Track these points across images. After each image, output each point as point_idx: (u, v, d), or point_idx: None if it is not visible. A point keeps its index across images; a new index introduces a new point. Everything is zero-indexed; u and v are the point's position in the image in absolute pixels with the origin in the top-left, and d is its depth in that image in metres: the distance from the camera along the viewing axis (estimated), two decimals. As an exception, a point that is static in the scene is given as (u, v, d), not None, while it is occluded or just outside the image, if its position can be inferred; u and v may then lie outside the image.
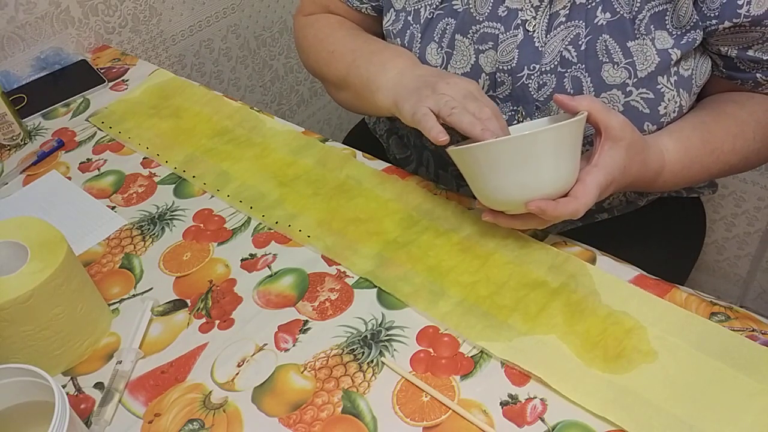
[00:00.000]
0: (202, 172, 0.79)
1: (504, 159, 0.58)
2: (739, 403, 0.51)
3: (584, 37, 0.67)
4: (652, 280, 0.62)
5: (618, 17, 0.66)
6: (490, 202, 0.63)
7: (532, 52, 0.69)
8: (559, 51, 0.68)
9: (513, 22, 0.69)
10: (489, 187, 0.61)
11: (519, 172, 0.58)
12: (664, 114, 0.68)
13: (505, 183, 0.59)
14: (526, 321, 0.59)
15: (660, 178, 0.67)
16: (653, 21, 0.65)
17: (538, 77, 0.69)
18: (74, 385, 0.58)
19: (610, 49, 0.66)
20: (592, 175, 0.59)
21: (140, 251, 0.70)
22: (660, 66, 0.66)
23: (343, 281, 0.65)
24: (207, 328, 0.62)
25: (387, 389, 0.55)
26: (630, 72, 0.66)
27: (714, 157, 0.69)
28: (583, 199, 0.58)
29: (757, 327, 0.57)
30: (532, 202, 0.58)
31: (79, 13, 1.05)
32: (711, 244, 1.43)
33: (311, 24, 0.87)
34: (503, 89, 0.72)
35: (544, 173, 0.58)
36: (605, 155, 0.60)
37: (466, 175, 0.63)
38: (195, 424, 0.54)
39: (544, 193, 0.59)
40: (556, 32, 0.68)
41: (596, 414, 0.52)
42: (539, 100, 0.70)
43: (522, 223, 0.63)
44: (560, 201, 0.59)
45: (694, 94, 0.70)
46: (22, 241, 0.57)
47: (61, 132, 0.90)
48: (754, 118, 0.70)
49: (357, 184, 0.75)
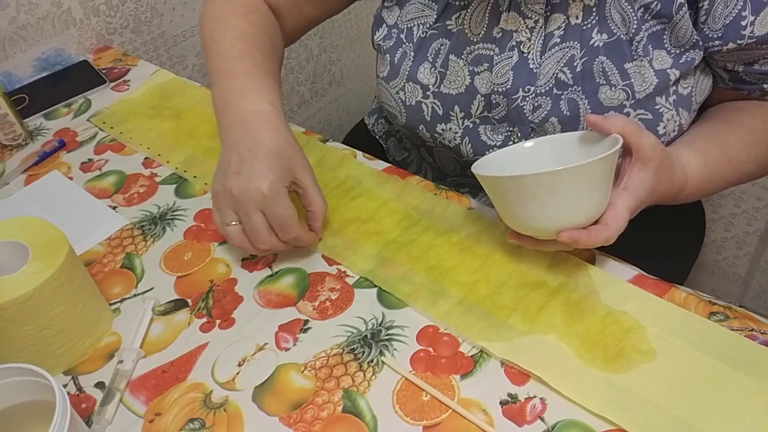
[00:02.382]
0: (203, 172, 0.79)
1: (537, 191, 0.56)
2: (738, 402, 0.52)
3: (579, 58, 0.66)
4: (651, 280, 0.62)
5: (615, 38, 0.65)
6: (517, 227, 0.61)
7: (527, 74, 0.68)
8: (554, 73, 0.67)
9: (508, 44, 0.68)
10: (518, 215, 0.58)
11: (552, 204, 0.56)
12: (664, 134, 0.67)
13: (536, 213, 0.57)
14: (525, 321, 0.59)
15: (683, 192, 0.65)
16: (651, 41, 0.64)
17: (533, 99, 0.68)
18: (75, 385, 0.59)
19: (607, 70, 0.65)
20: (623, 198, 0.57)
21: (141, 251, 0.71)
22: (658, 87, 0.65)
23: (343, 281, 0.65)
24: (208, 328, 0.62)
25: (387, 388, 0.56)
26: (628, 93, 0.65)
27: (732, 168, 0.67)
28: (615, 226, 0.56)
29: (756, 326, 0.57)
30: (563, 232, 0.56)
31: (81, 14, 1.05)
32: (710, 244, 1.43)
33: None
34: (498, 111, 0.71)
35: (578, 205, 0.56)
36: (635, 177, 0.58)
37: (494, 199, 0.61)
38: (196, 424, 0.55)
39: (577, 223, 0.57)
40: (551, 53, 0.67)
41: (595, 413, 0.52)
42: (534, 122, 0.69)
43: (550, 247, 0.61)
44: (592, 230, 0.56)
45: (694, 111, 0.69)
46: (24, 241, 0.57)
47: (63, 132, 0.90)
48: (765, 126, 0.69)
49: (357, 184, 0.75)
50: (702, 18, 0.63)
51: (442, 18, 0.72)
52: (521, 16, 0.68)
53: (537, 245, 0.62)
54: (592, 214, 0.57)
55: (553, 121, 0.68)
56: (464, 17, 0.71)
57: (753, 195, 1.31)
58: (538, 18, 0.67)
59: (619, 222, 0.57)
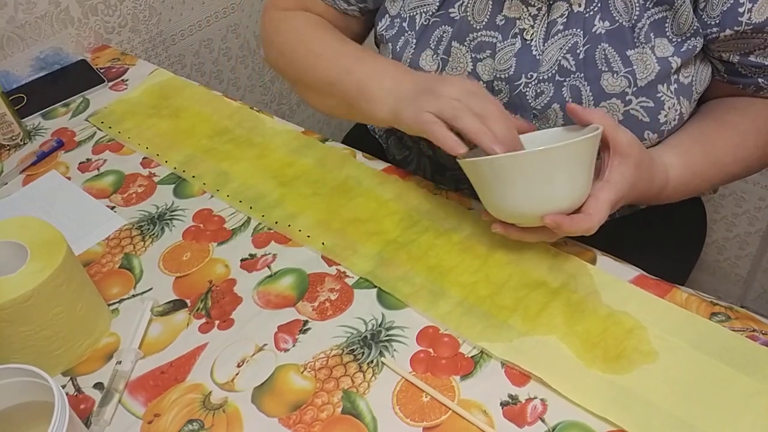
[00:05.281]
0: (202, 172, 0.79)
1: (519, 174, 0.57)
2: (740, 403, 0.51)
3: (582, 45, 0.66)
4: (652, 280, 0.62)
5: (617, 26, 0.65)
6: (501, 214, 0.61)
7: (530, 61, 0.68)
8: (557, 59, 0.67)
9: (511, 31, 0.69)
10: (501, 201, 0.59)
11: (534, 187, 0.57)
12: (665, 122, 0.67)
13: (519, 197, 0.58)
14: (526, 321, 0.59)
15: (663, 193, 0.66)
16: (653, 29, 0.65)
17: (535, 86, 0.69)
18: (74, 386, 0.58)
19: (609, 58, 0.66)
20: (605, 190, 0.59)
21: (140, 251, 0.70)
22: (660, 74, 0.65)
23: (343, 281, 0.65)
24: (207, 329, 0.62)
25: (387, 389, 0.55)
26: (630, 81, 0.66)
27: (716, 169, 0.69)
28: (597, 217, 0.58)
29: (758, 327, 0.57)
30: (548, 216, 0.57)
31: (79, 13, 1.04)
32: (711, 244, 1.43)
33: (287, 20, 0.83)
34: (500, 97, 0.71)
35: (560, 188, 0.57)
36: (615, 171, 0.59)
37: (477, 186, 0.62)
38: (195, 425, 0.54)
39: (559, 208, 0.57)
40: (554, 41, 0.67)
41: (596, 414, 0.52)
42: (537, 109, 0.70)
43: (533, 236, 0.62)
44: (575, 217, 0.58)
45: (694, 100, 0.70)
46: (22, 241, 0.57)
47: (61, 132, 0.89)
48: (755, 126, 0.69)
49: (357, 184, 0.75)
50: (701, 5, 0.64)
51: (444, 6, 0.72)
52: (524, 4, 0.68)
53: (522, 234, 0.62)
54: (574, 200, 0.58)
55: (555, 108, 0.69)
56: (467, 5, 0.71)
57: (755, 195, 1.31)
58: (542, 6, 0.68)
59: (601, 213, 0.58)
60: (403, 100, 0.66)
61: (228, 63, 1.36)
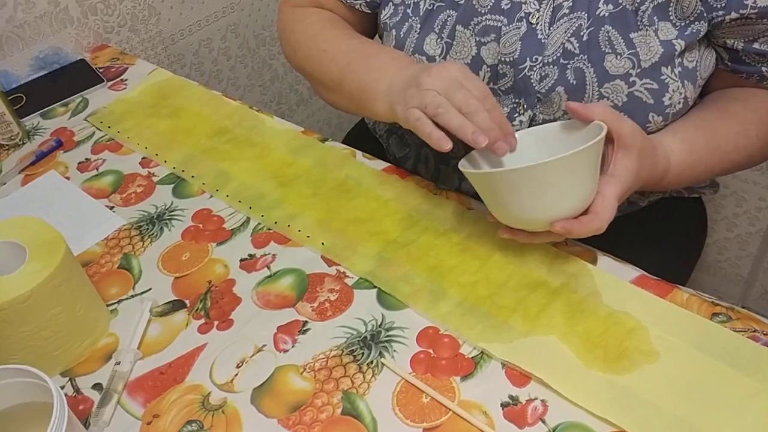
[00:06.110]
0: (201, 172, 0.79)
1: (525, 185, 0.56)
2: (740, 403, 0.51)
3: (586, 28, 0.67)
4: (653, 281, 0.62)
5: (620, 8, 0.66)
6: (508, 221, 0.61)
7: (535, 44, 0.69)
8: (562, 43, 0.68)
9: (516, 15, 0.69)
10: (508, 210, 0.59)
11: (541, 196, 0.56)
12: (669, 105, 0.67)
13: (526, 206, 0.57)
14: (526, 321, 0.58)
15: (665, 179, 0.67)
16: (656, 12, 0.65)
17: (540, 69, 0.69)
18: (73, 386, 0.58)
19: (613, 40, 0.66)
20: (610, 185, 0.59)
21: (139, 251, 0.70)
22: (664, 56, 0.66)
23: (342, 282, 0.65)
24: (206, 329, 0.62)
25: (387, 390, 0.55)
26: (633, 62, 0.66)
27: (717, 157, 0.69)
28: (605, 215, 0.58)
29: (759, 328, 0.57)
30: (557, 223, 0.57)
31: (78, 13, 1.04)
32: (712, 245, 1.42)
33: (301, 18, 0.84)
34: (505, 81, 0.72)
35: (570, 194, 0.57)
36: (619, 164, 0.60)
37: (482, 194, 0.61)
38: (194, 426, 0.54)
39: (569, 213, 0.57)
40: (559, 24, 0.68)
41: (597, 415, 0.52)
42: (541, 92, 0.70)
43: (540, 238, 0.62)
44: (583, 219, 0.58)
45: (698, 86, 0.70)
46: (21, 242, 0.57)
47: (60, 132, 0.89)
48: (757, 115, 0.70)
49: (357, 184, 0.75)
50: None
51: None
52: None
53: (530, 238, 0.62)
54: (583, 203, 0.58)
55: (559, 91, 0.69)
56: None
57: (755, 195, 1.30)
58: None
59: (609, 210, 0.58)
60: (396, 95, 0.67)
61: (227, 63, 1.36)
